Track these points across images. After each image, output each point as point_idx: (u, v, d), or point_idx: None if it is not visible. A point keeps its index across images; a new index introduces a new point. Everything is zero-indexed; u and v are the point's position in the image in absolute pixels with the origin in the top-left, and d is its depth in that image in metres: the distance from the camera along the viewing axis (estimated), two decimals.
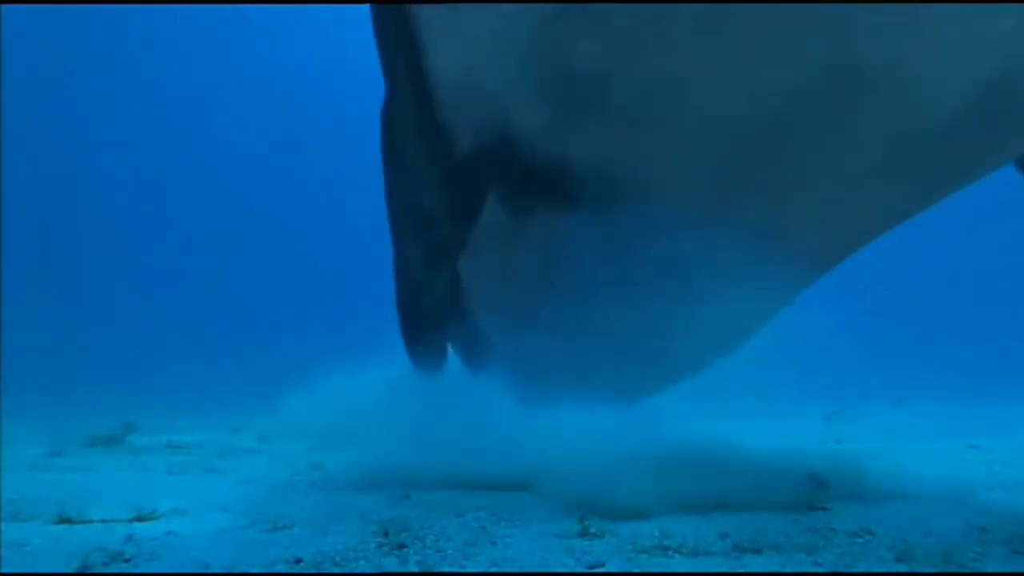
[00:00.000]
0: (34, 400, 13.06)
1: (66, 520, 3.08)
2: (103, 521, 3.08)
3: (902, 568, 2.24)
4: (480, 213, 3.26)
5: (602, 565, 2.29)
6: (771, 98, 2.58)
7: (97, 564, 2.35)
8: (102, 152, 36.12)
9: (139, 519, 3.13)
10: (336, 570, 2.27)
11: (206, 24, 36.15)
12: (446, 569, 2.26)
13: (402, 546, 2.56)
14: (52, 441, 6.89)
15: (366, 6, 3.80)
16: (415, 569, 2.27)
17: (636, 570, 2.24)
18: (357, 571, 2.26)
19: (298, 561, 2.36)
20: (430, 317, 4.33)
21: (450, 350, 4.96)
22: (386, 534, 2.75)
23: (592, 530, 2.73)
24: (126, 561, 2.40)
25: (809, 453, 5.09)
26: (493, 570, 2.25)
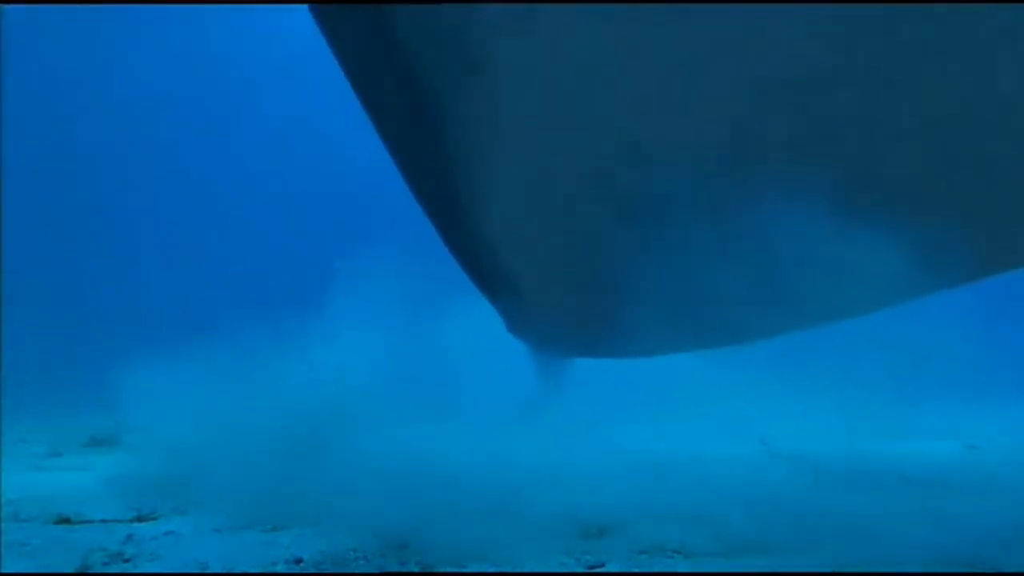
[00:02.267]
0: (34, 400, 13.05)
1: (66, 520, 3.08)
2: (103, 521, 3.08)
3: (902, 568, 2.24)
4: None
5: (602, 565, 2.29)
6: None
7: (97, 564, 2.35)
8: (102, 151, 36.14)
9: (139, 519, 3.13)
10: (336, 570, 2.27)
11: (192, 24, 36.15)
12: (446, 569, 2.26)
13: (402, 546, 2.55)
14: (52, 441, 6.89)
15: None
16: (415, 569, 2.27)
17: (636, 570, 2.24)
18: (357, 571, 2.27)
19: (298, 561, 2.36)
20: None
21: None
22: (386, 534, 2.75)
23: (592, 530, 2.73)
24: (126, 561, 2.40)
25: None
26: (493, 570, 2.25)
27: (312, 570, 2.27)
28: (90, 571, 2.29)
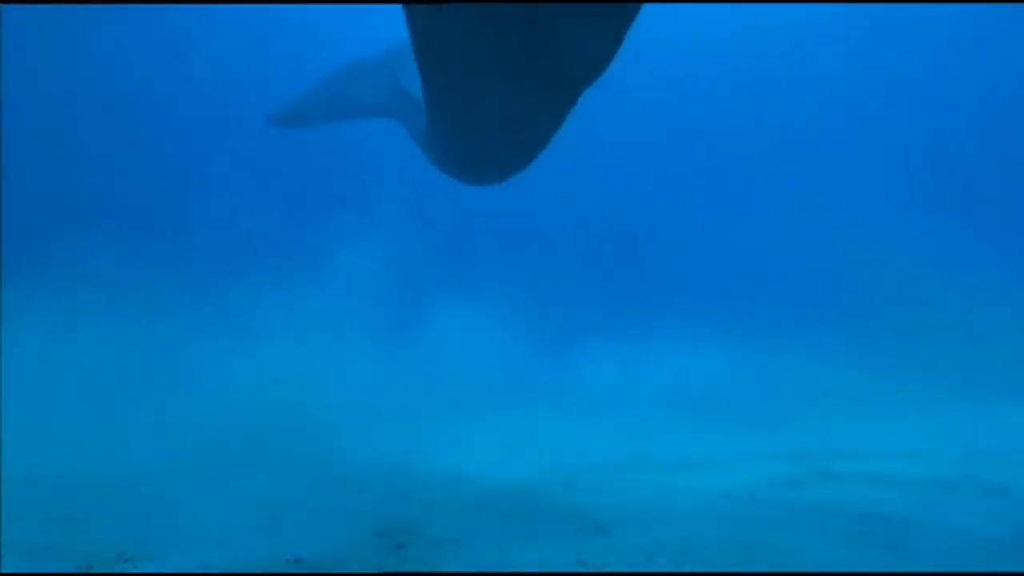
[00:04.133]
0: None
1: (66, 520, 3.08)
2: (103, 521, 3.08)
3: (903, 568, 2.24)
4: None
5: (602, 565, 2.29)
6: None
7: (97, 564, 2.35)
8: (100, 149, 36.09)
9: (139, 519, 3.12)
10: (336, 570, 2.28)
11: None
12: (446, 569, 2.26)
13: (402, 546, 2.56)
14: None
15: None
16: (415, 569, 2.28)
17: (636, 570, 2.25)
18: (357, 571, 2.27)
19: (298, 561, 2.36)
20: None
21: None
22: (386, 534, 2.75)
23: (592, 530, 2.73)
24: (126, 561, 2.40)
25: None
26: (493, 570, 2.25)
27: (312, 570, 2.27)
28: (90, 571, 2.29)
